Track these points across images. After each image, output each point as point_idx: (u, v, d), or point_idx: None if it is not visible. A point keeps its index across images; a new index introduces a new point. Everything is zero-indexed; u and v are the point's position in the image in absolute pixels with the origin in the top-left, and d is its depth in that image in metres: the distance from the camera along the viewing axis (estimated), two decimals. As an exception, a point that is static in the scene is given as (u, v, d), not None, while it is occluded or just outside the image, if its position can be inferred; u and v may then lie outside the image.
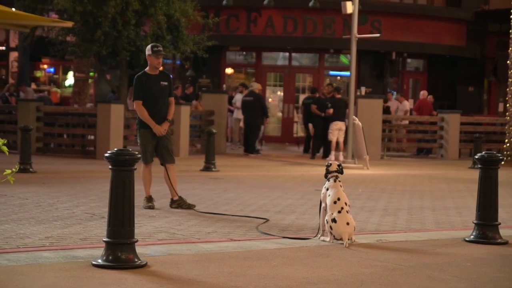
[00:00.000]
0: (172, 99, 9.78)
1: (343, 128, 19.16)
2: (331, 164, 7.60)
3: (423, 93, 23.80)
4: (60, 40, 20.39)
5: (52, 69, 31.07)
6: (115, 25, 18.89)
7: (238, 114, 22.02)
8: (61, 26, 18.21)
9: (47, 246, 6.77)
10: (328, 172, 7.51)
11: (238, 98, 22.03)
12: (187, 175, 14.64)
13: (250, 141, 20.76)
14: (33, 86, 29.24)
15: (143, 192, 9.62)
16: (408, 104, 24.51)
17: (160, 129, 9.56)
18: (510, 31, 19.90)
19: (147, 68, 9.63)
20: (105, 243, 5.98)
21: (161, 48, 9.59)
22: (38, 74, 30.85)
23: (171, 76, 10.01)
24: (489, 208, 7.68)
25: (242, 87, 22.91)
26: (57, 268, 5.86)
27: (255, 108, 20.49)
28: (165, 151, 9.71)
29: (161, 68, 9.79)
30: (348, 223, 7.19)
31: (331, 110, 19.09)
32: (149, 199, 9.63)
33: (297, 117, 25.92)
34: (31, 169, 13.82)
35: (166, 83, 9.65)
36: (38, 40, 22.78)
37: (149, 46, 9.58)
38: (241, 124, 21.03)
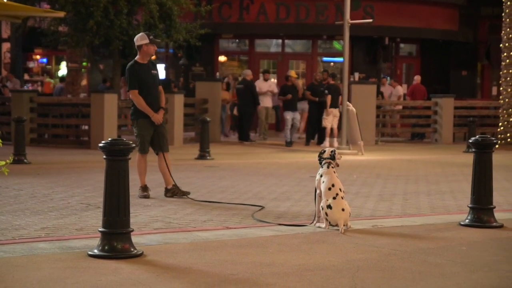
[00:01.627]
0: (161, 88, 9.81)
1: (337, 114, 19.17)
2: (324, 151, 7.61)
3: (417, 78, 23.83)
4: (53, 30, 20.30)
5: (45, 60, 30.96)
6: (107, 15, 18.81)
7: (265, 102, 21.23)
8: (53, 16, 18.14)
9: (43, 237, 6.77)
10: (321, 158, 7.52)
11: (261, 85, 21.42)
12: (182, 163, 14.63)
13: (244, 128, 20.73)
14: (26, 76, 29.17)
15: (138, 182, 9.62)
16: (401, 89, 24.53)
17: (159, 117, 9.55)
18: (503, 14, 19.89)
19: (138, 57, 9.57)
20: (101, 233, 5.98)
21: (157, 38, 9.58)
22: (31, 65, 30.75)
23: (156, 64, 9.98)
24: (483, 191, 7.70)
25: (266, 74, 22.01)
26: (53, 259, 5.86)
27: (247, 96, 20.44)
28: (163, 139, 9.70)
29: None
30: (343, 209, 7.20)
31: (329, 97, 19.06)
32: (145, 188, 9.63)
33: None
34: (25, 160, 13.81)
35: (155, 72, 9.67)
36: (30, 31, 22.70)
37: (143, 35, 9.51)
38: (235, 111, 20.89)
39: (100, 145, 5.96)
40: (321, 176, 7.41)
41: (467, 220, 7.76)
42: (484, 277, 5.60)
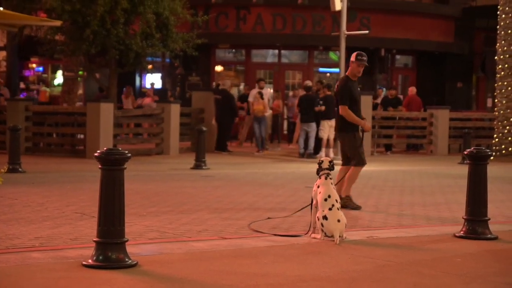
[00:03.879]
0: None
1: (333, 125, 19.17)
2: (323, 161, 7.62)
3: (411, 89, 23.87)
4: (49, 39, 20.31)
5: (41, 68, 30.95)
6: (104, 24, 18.83)
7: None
8: (49, 25, 18.15)
9: (37, 246, 6.74)
10: (320, 169, 7.54)
11: (256, 94, 21.35)
12: (178, 173, 14.64)
13: (221, 139, 20.59)
14: (22, 85, 29.15)
15: (133, 192, 9.60)
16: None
17: (369, 125, 10.05)
18: (498, 27, 19.97)
19: (349, 73, 9.97)
20: (96, 243, 5.96)
21: (365, 58, 9.89)
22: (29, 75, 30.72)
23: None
24: (478, 203, 7.70)
25: (261, 82, 22.02)
26: (47, 268, 5.84)
27: (225, 106, 20.36)
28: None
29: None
30: (339, 220, 7.20)
31: (323, 108, 19.07)
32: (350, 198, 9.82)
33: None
34: (20, 169, 13.77)
35: (358, 89, 10.11)
36: (26, 39, 22.70)
37: (355, 53, 9.93)
38: (213, 122, 20.66)
39: (96, 154, 5.95)
40: (318, 187, 7.42)
41: (462, 232, 7.76)
42: (479, 289, 5.60)
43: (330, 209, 7.22)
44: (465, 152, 7.90)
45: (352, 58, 9.95)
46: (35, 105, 19.87)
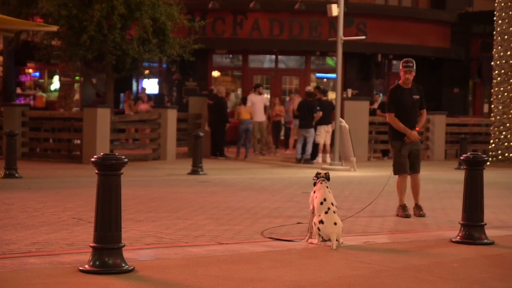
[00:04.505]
0: (423, 112, 10.07)
1: (330, 130, 19.21)
2: (320, 173, 7.64)
3: None
4: (46, 44, 20.30)
5: (37, 74, 30.93)
6: (100, 29, 18.83)
7: (256, 117, 21.15)
8: (46, 30, 18.15)
9: (34, 252, 6.73)
10: (317, 178, 7.55)
11: (254, 99, 21.41)
12: (175, 178, 14.63)
13: (217, 144, 20.58)
14: (18, 90, 29.12)
15: (130, 197, 9.60)
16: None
17: (415, 135, 9.79)
18: (494, 32, 20.03)
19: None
20: (92, 248, 5.96)
21: (411, 64, 9.85)
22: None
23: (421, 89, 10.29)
24: (475, 208, 7.72)
25: (259, 87, 22.08)
26: (43, 274, 5.83)
27: (218, 112, 20.35)
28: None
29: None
30: (335, 223, 7.21)
31: (320, 113, 19.07)
32: (404, 207, 9.76)
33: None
34: (16, 174, 13.75)
35: (418, 97, 9.94)
36: (23, 45, 22.69)
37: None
38: (206, 127, 20.63)
39: (92, 159, 5.94)
40: (314, 192, 7.44)
41: (458, 237, 7.77)
42: (476, 294, 5.60)
43: (326, 212, 7.23)
44: (462, 158, 7.92)
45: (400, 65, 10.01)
46: (32, 111, 19.84)
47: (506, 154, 19.94)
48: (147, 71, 23.65)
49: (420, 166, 10.14)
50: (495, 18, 19.99)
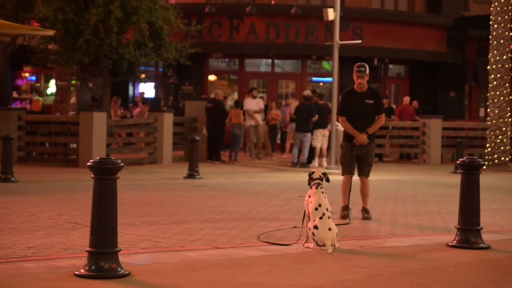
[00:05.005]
0: (381, 116, 10.07)
1: (327, 134, 19.21)
2: (314, 172, 7.63)
3: (406, 99, 23.92)
4: (42, 48, 20.30)
5: (34, 78, 30.90)
6: (97, 33, 18.83)
7: (250, 121, 21.14)
8: (42, 34, 18.13)
9: (29, 256, 6.72)
10: (311, 179, 7.56)
11: (249, 103, 21.43)
12: (171, 182, 14.62)
13: (214, 148, 20.57)
14: (15, 94, 29.08)
15: (126, 201, 9.59)
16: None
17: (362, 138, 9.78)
18: (490, 36, 20.06)
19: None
20: (88, 253, 5.95)
21: (363, 69, 9.95)
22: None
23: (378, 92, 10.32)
24: (471, 213, 7.72)
25: (253, 91, 22.10)
26: (39, 279, 5.81)
27: (216, 115, 20.35)
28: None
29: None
30: (330, 229, 7.21)
31: (316, 117, 19.05)
32: (346, 208, 9.82)
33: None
34: (12, 179, 13.73)
35: (371, 101, 9.92)
36: (19, 49, 22.67)
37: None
38: (204, 131, 20.63)
39: (89, 164, 5.94)
40: (309, 196, 7.44)
41: (454, 241, 7.77)
42: (472, 299, 5.60)
43: (320, 218, 7.23)
44: (458, 162, 7.92)
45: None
46: (28, 115, 19.82)
47: (502, 158, 19.96)
48: (143, 75, 23.67)
49: (370, 170, 10.12)
50: (491, 22, 20.02)
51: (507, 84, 19.96)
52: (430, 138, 21.79)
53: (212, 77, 28.00)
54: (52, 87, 29.76)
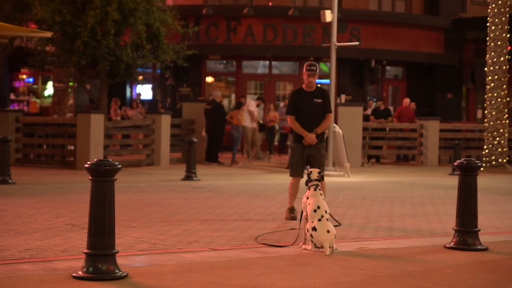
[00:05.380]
0: (329, 116, 9.97)
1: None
2: (312, 172, 7.64)
3: (405, 101, 23.86)
4: (39, 50, 20.28)
5: (31, 79, 30.89)
6: (94, 35, 18.82)
7: (251, 123, 21.13)
8: (40, 36, 18.13)
9: (27, 258, 6.71)
10: (309, 180, 7.57)
11: (254, 106, 21.38)
12: (168, 184, 14.61)
13: (212, 149, 20.58)
14: (12, 96, 29.07)
15: (123, 203, 9.58)
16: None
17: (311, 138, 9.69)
18: (487, 38, 20.09)
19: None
20: (86, 255, 5.94)
21: (314, 68, 9.80)
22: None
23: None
24: (468, 214, 7.73)
25: (260, 101, 22.22)
26: (37, 280, 5.81)
27: (215, 117, 20.35)
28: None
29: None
30: (328, 231, 7.21)
31: None
32: (292, 210, 9.74)
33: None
34: (10, 180, 13.72)
35: (320, 100, 9.83)
36: (17, 50, 22.65)
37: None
38: (203, 133, 20.64)
39: (86, 166, 5.94)
40: (307, 198, 7.44)
41: (452, 243, 7.77)
42: (469, 300, 5.60)
43: (319, 220, 7.23)
44: (455, 163, 7.92)
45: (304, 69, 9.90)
46: (26, 116, 19.80)
47: (500, 160, 19.98)
48: (140, 77, 23.63)
49: (323, 170, 9.95)
50: (488, 24, 20.05)
51: (504, 86, 19.98)
52: (427, 140, 21.81)
53: (209, 79, 28.00)
54: (49, 89, 29.75)
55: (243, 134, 21.45)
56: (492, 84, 20.03)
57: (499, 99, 19.99)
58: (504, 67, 19.90)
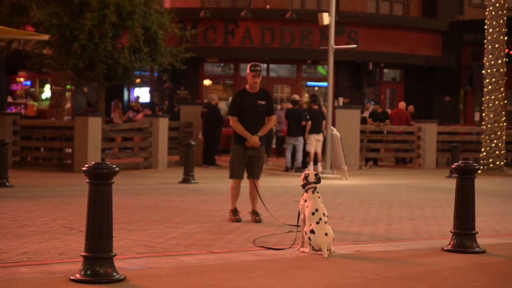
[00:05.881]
0: (272, 117, 9.92)
1: (321, 139, 19.23)
2: (309, 175, 7.64)
3: (400, 104, 23.88)
4: (37, 53, 20.27)
5: (28, 82, 30.88)
6: (92, 38, 18.82)
7: None
8: (37, 39, 18.12)
9: (25, 261, 6.71)
10: (307, 183, 7.56)
11: None
12: (166, 187, 14.60)
13: (209, 152, 20.57)
14: (9, 99, 29.06)
15: (121, 206, 9.58)
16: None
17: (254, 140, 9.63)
18: (485, 41, 20.11)
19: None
20: (83, 258, 5.94)
21: (259, 68, 9.69)
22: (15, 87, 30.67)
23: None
24: (466, 217, 7.73)
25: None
26: (34, 283, 5.80)
27: (211, 120, 20.36)
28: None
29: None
30: (326, 234, 7.21)
31: (309, 123, 19.04)
32: (235, 211, 9.77)
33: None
34: (7, 183, 13.70)
35: (263, 102, 9.74)
36: (14, 53, 22.65)
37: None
38: (200, 136, 20.63)
39: (84, 168, 5.93)
40: (305, 201, 7.44)
41: (450, 246, 7.78)
42: (467, 303, 5.60)
43: (317, 223, 7.23)
44: (453, 166, 7.93)
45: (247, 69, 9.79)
46: (23, 119, 19.78)
47: (497, 163, 19.99)
48: (138, 80, 23.65)
49: (260, 173, 9.96)
50: (486, 26, 20.07)
51: (502, 89, 20.00)
52: (425, 143, 21.82)
53: (207, 82, 28.01)
54: (47, 92, 29.75)
55: None
56: (490, 87, 20.05)
57: (496, 102, 20.01)
58: (502, 70, 19.92)
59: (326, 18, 17.91)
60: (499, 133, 20.05)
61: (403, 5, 29.41)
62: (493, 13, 19.88)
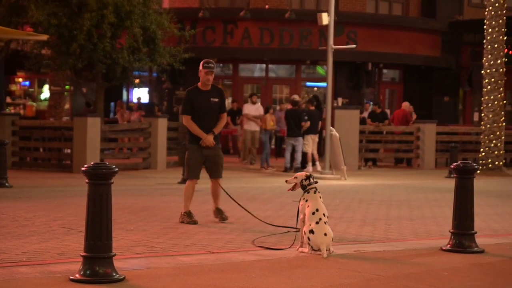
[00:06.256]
0: (223, 115, 9.81)
1: (316, 140, 19.26)
2: (310, 176, 7.60)
3: (403, 105, 23.80)
4: (35, 53, 20.27)
5: (27, 83, 30.87)
6: (90, 38, 18.82)
7: (251, 126, 21.19)
8: (36, 39, 18.12)
9: (24, 261, 6.71)
10: (309, 183, 7.52)
11: (249, 109, 21.46)
12: (165, 187, 14.61)
13: None
14: (8, 99, 29.04)
15: (120, 206, 9.58)
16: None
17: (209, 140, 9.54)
18: (484, 41, 20.13)
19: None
20: (83, 258, 5.94)
21: (212, 65, 9.66)
22: (13, 87, 30.65)
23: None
24: (465, 217, 7.74)
25: (253, 97, 22.16)
26: (34, 283, 5.81)
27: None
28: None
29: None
30: (326, 234, 7.21)
31: (308, 123, 19.03)
32: (190, 214, 9.60)
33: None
34: (7, 184, 13.71)
35: (216, 100, 9.66)
36: (13, 54, 22.65)
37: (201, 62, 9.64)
38: None
39: (83, 169, 5.94)
40: (306, 200, 7.43)
41: (448, 246, 7.78)
42: (466, 303, 5.61)
43: (317, 223, 7.23)
44: (452, 166, 7.94)
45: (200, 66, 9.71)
46: (22, 120, 19.77)
47: (496, 163, 20.00)
48: (137, 80, 23.66)
49: (221, 171, 9.88)
50: (485, 26, 20.08)
51: (501, 89, 20.01)
52: (424, 143, 21.83)
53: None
54: (45, 92, 29.74)
55: (244, 136, 21.45)
56: (489, 87, 20.06)
57: (495, 102, 20.02)
58: (501, 70, 19.93)
59: (325, 18, 17.92)
60: (498, 133, 20.06)
61: (402, 5, 29.42)
62: (493, 13, 19.89)
